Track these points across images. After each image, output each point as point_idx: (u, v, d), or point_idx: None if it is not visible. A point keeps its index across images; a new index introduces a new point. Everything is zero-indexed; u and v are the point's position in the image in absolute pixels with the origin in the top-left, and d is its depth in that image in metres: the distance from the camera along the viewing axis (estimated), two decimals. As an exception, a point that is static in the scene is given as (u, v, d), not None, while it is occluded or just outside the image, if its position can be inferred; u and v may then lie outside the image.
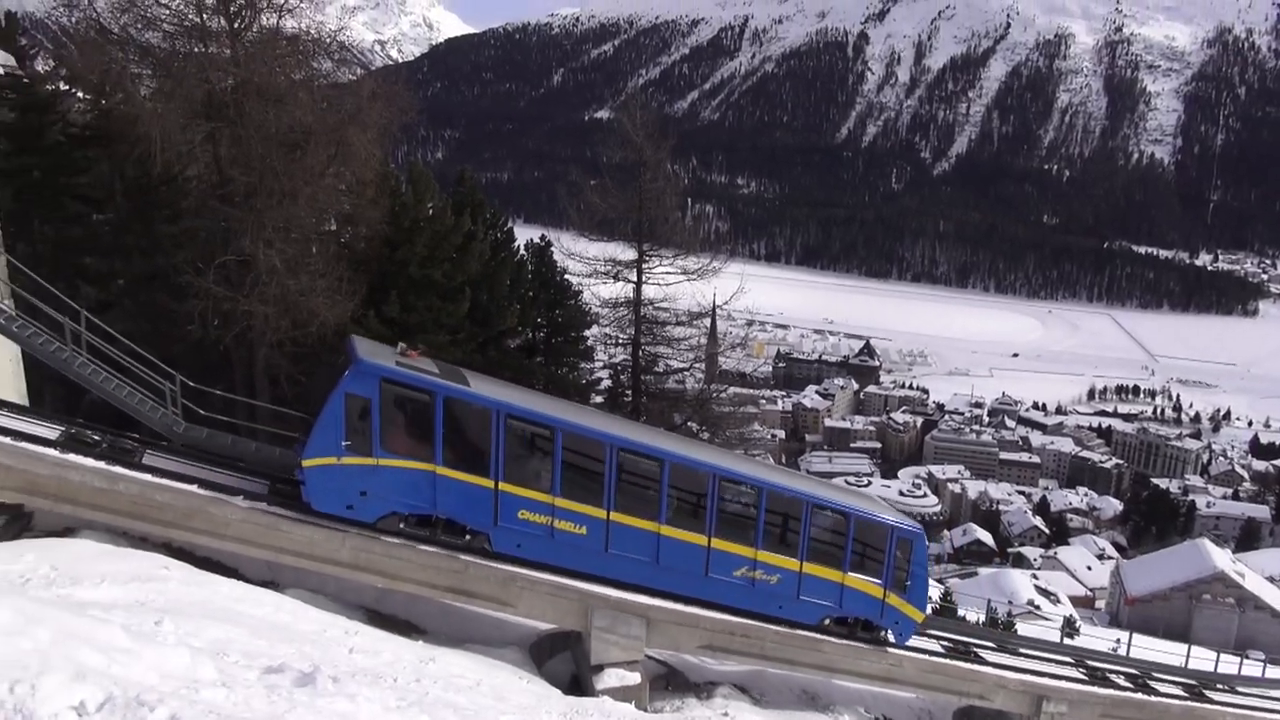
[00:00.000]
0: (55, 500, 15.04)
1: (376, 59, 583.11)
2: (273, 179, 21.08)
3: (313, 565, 16.48)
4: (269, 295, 20.54)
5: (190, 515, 15.48)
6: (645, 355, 30.69)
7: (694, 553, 18.61)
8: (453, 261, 25.64)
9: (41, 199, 22.97)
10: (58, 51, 28.59)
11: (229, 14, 21.28)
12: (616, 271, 29.04)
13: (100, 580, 12.05)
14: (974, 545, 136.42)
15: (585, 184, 30.98)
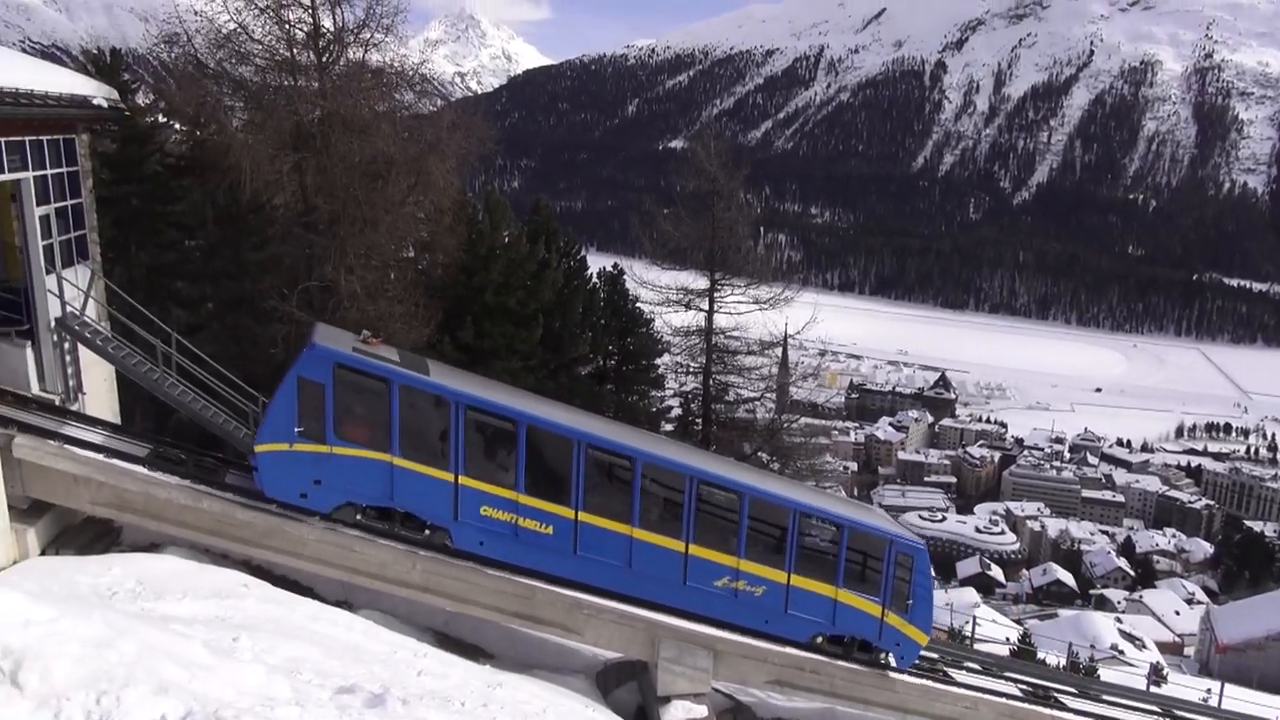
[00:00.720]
0: (142, 516, 15.54)
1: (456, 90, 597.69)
2: (355, 207, 21.68)
3: (384, 586, 16.69)
4: (349, 320, 21.04)
5: (269, 534, 15.83)
6: (716, 384, 30.58)
7: (670, 559, 17.67)
8: (527, 289, 25.99)
9: (139, 226, 23.98)
10: (157, 86, 29.98)
11: (318, 49, 22.07)
12: (688, 300, 29.08)
13: (183, 595, 12.38)
14: (1054, 586, 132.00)
15: (658, 213, 31.14)
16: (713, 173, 28.74)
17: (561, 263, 29.70)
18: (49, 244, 16.38)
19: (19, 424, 14.72)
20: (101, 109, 17.66)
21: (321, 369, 15.23)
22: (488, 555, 16.65)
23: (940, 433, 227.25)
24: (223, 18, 22.01)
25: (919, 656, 20.64)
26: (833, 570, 18.96)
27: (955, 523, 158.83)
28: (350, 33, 22.53)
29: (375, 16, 22.59)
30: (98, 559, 14.47)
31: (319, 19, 22.10)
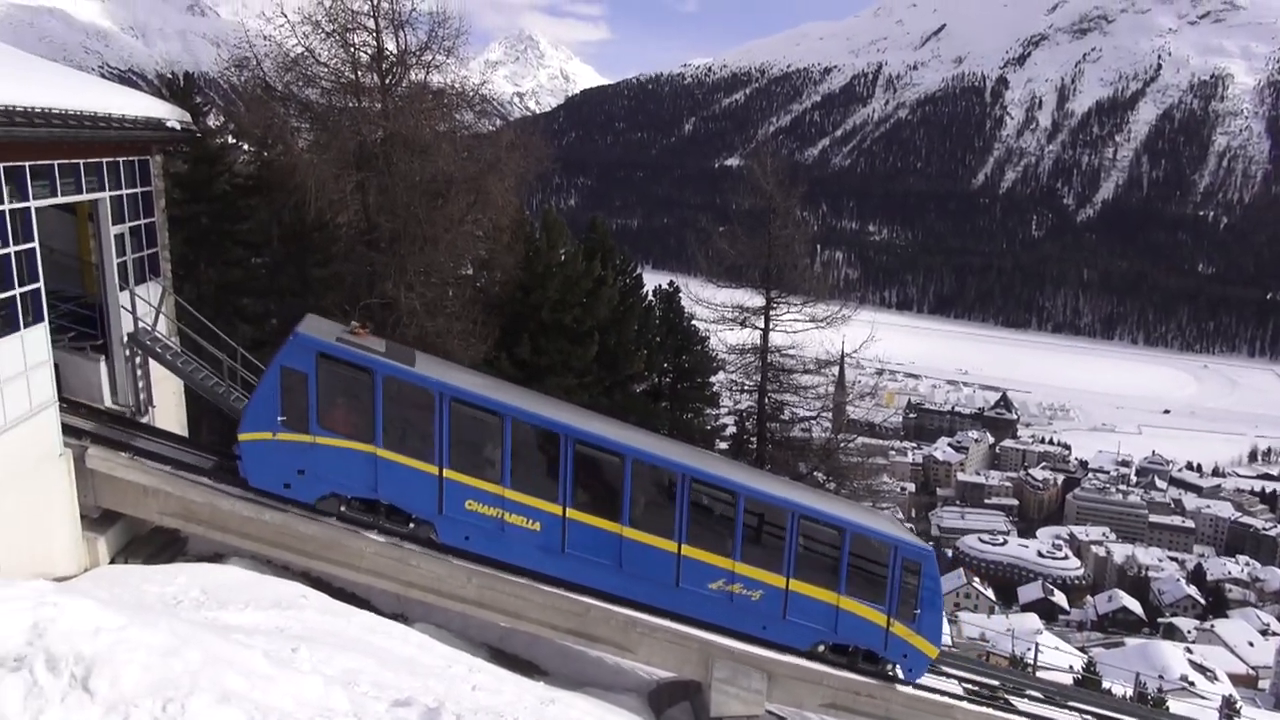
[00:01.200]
0: (207, 526, 15.92)
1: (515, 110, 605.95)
2: (415, 225, 22.05)
3: (439, 600, 16.85)
4: (409, 336, 21.34)
5: (328, 546, 16.09)
6: (771, 402, 30.38)
7: (662, 559, 17.14)
8: (583, 306, 26.15)
9: (208, 244, 24.66)
10: (227, 108, 30.84)
11: (381, 71, 22.54)
12: (744, 318, 28.97)
13: (244, 605, 12.63)
14: (1120, 613, 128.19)
15: (714, 231, 31.13)
16: (769, 190, 28.67)
17: (617, 280, 29.82)
18: (123, 261, 16.94)
19: (92, 435, 15.20)
20: (175, 131, 18.23)
21: (304, 358, 15.20)
22: (474, 551, 16.40)
23: (1001, 454, 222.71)
24: (291, 42, 22.62)
25: (929, 670, 19.84)
26: (834, 575, 18.21)
27: (1017, 546, 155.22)
28: (413, 55, 22.98)
29: (437, 39, 23.02)
30: (164, 568, 14.84)
31: (383, 42, 22.59)
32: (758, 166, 29.44)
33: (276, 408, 15.06)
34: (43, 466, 13.84)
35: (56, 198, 14.50)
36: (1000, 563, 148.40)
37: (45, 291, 13.77)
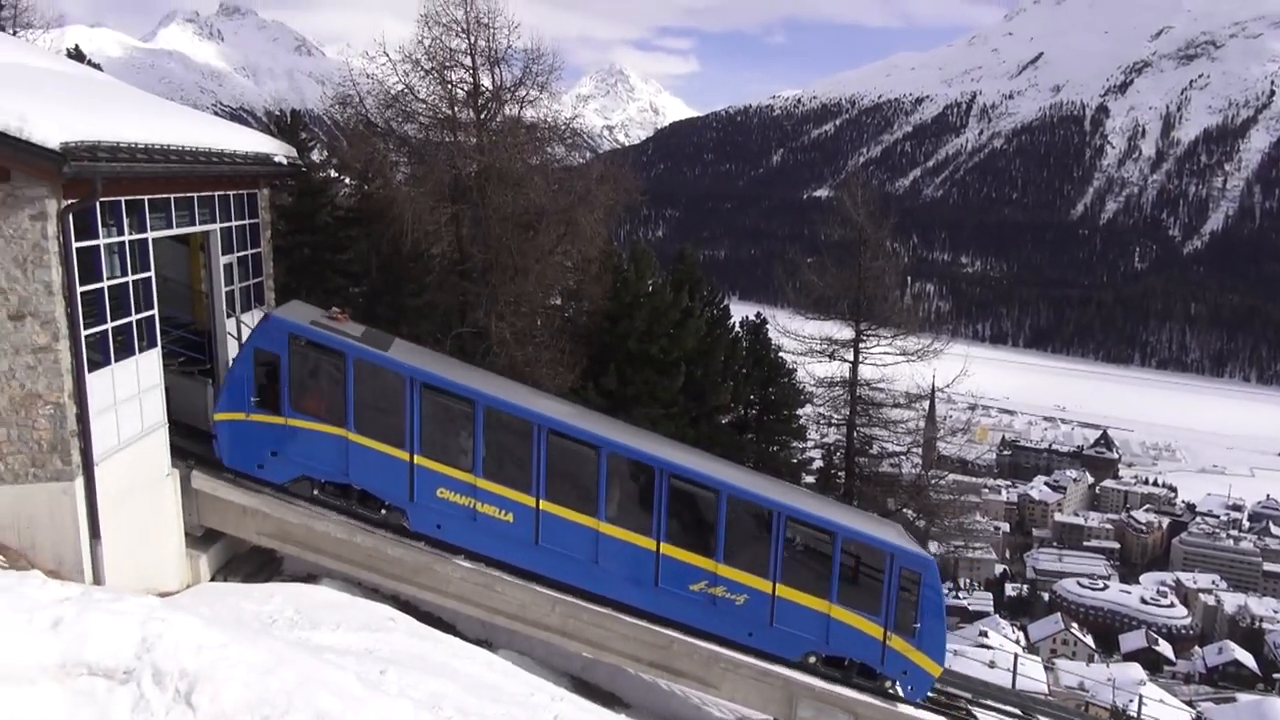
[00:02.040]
0: (302, 547, 16.36)
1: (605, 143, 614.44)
2: (507, 256, 22.51)
3: (523, 628, 16.96)
4: (499, 365, 21.71)
5: (417, 571, 16.37)
6: (860, 437, 29.87)
7: (641, 557, 16.62)
8: (670, 337, 26.19)
9: (309, 273, 25.56)
10: (330, 143, 32.13)
11: (477, 107, 23.19)
12: (832, 350, 28.65)
13: (336, 626, 12.90)
14: (1231, 666, 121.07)
15: (802, 262, 30.94)
16: (859, 221, 28.40)
17: (704, 311, 29.80)
18: (231, 290, 17.67)
19: (197, 457, 15.81)
20: (281, 166, 19.03)
21: (277, 340, 15.33)
22: (446, 540, 16.23)
23: (1101, 495, 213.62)
24: (392, 79, 23.50)
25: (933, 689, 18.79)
26: (825, 582, 17.34)
27: (1119, 592, 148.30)
28: (508, 91, 23.59)
29: (531, 75, 23.62)
30: (261, 587, 15.29)
31: (479, 79, 23.26)
32: (848, 197, 29.21)
33: (250, 389, 15.28)
34: (152, 485, 14.45)
35: (172, 229, 15.25)
36: (1100, 609, 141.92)
37: (158, 318, 14.45)
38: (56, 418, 11.83)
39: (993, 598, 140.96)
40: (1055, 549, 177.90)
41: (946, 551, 41.37)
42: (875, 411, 29.53)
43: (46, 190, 11.21)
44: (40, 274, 11.43)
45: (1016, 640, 79.78)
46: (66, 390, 11.83)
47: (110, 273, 12.89)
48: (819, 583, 17.35)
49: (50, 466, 11.94)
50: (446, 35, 22.86)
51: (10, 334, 11.50)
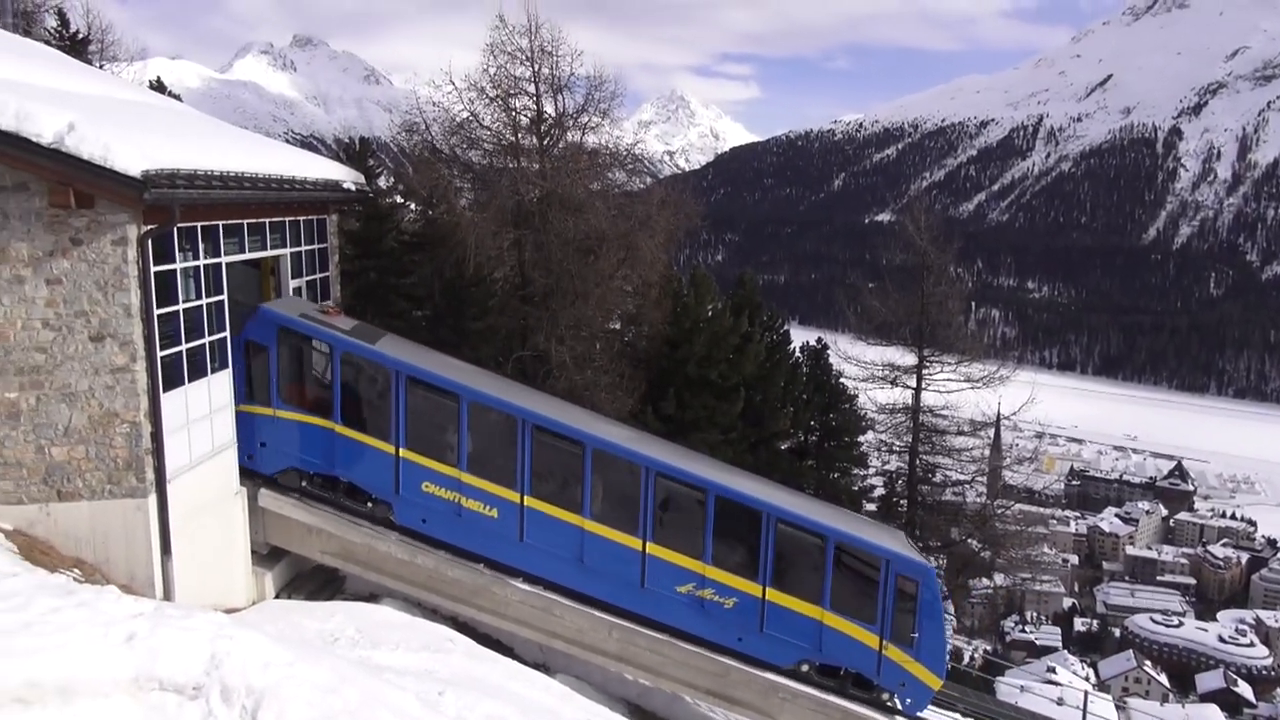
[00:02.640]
0: (364, 567, 16.60)
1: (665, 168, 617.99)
2: (568, 281, 22.69)
3: (580, 652, 16.94)
4: (558, 388, 21.84)
5: (476, 593, 16.48)
6: (922, 464, 29.39)
7: (626, 556, 16.36)
8: (729, 362, 26.07)
9: (375, 297, 26.05)
10: (397, 170, 32.80)
11: (540, 133, 23.51)
12: (894, 377, 28.33)
13: (396, 646, 13.02)
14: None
15: (864, 287, 30.71)
16: (922, 246, 28.10)
17: (764, 336, 29.63)
18: (299, 313, 18.06)
19: (264, 476, 16.15)
20: (350, 192, 19.50)
21: (266, 332, 15.58)
22: (431, 535, 16.22)
23: (1176, 528, 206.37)
24: (457, 107, 23.97)
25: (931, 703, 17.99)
26: (817, 588, 16.81)
27: (1194, 629, 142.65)
28: (570, 117, 23.88)
29: (594, 102, 23.89)
30: (323, 605, 15.52)
31: (542, 106, 23.60)
32: (910, 221, 28.94)
33: (240, 380, 15.37)
34: (221, 503, 14.80)
35: (244, 254, 15.69)
36: (1175, 646, 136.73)
37: (230, 340, 14.85)
38: (132, 436, 12.19)
39: (1061, 632, 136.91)
40: (1127, 583, 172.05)
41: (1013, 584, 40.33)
42: (938, 439, 29.06)
43: (128, 216, 11.64)
44: (120, 297, 11.84)
45: (1086, 677, 77.33)
46: (142, 409, 12.19)
47: (186, 296, 13.32)
48: (811, 588, 16.86)
49: (125, 483, 12.30)
50: (511, 63, 23.28)
51: (91, 354, 11.91)
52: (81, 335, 11.86)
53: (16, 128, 10.67)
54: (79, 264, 11.67)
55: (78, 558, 12.17)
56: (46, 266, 11.60)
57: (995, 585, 35.05)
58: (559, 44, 23.35)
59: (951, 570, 31.04)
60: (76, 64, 21.51)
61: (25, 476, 12.07)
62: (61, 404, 11.98)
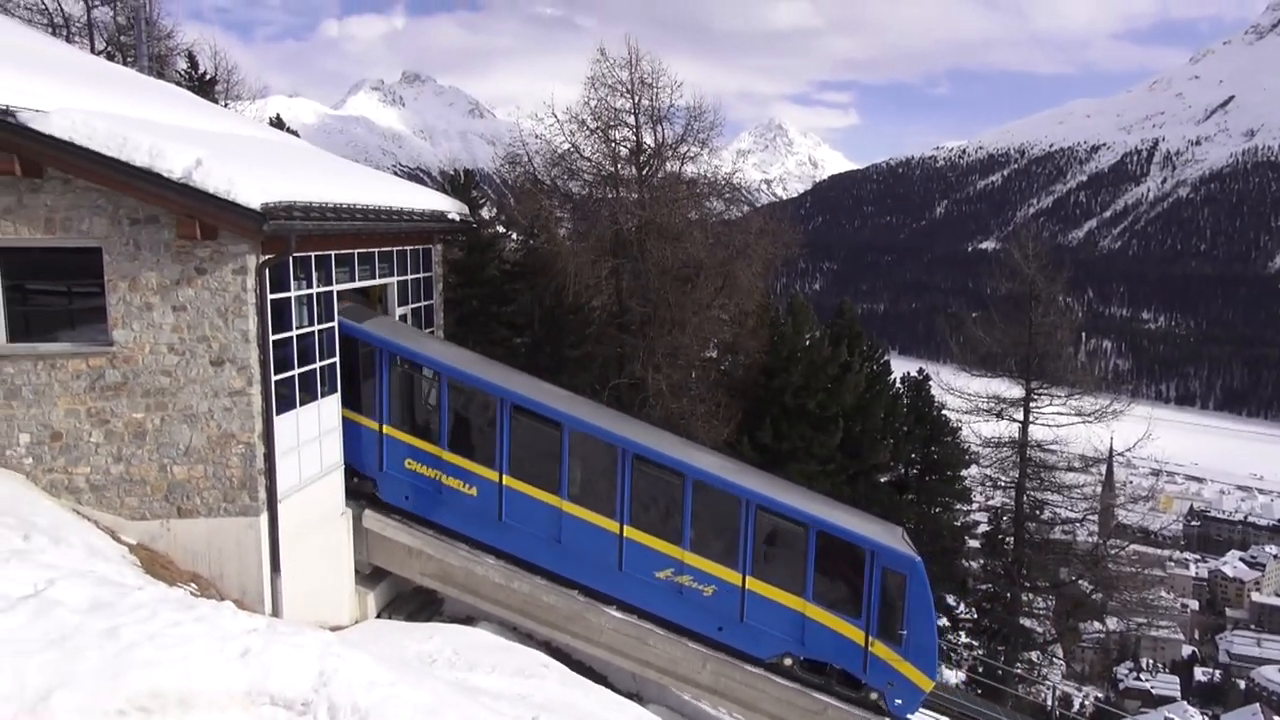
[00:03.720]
0: (461, 590, 16.86)
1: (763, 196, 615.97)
2: (665, 310, 22.82)
3: (673, 683, 16.81)
4: (654, 416, 21.91)
5: (570, 619, 16.55)
6: (1030, 501, 28.36)
7: (603, 539, 16.17)
8: (827, 392, 25.74)
9: (476, 324, 26.67)
10: (499, 200, 33.63)
11: (639, 164, 23.81)
12: (1000, 409, 27.53)
13: (491, 669, 13.16)
14: None
15: (968, 316, 29.98)
16: (1030, 274, 27.32)
17: (864, 366, 29.15)
18: (405, 340, 18.59)
19: (369, 498, 16.61)
20: (454, 222, 20.05)
21: None
22: (414, 511, 16.33)
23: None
24: (558, 139, 24.52)
25: None
26: (799, 578, 16.27)
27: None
28: (669, 148, 24.13)
29: (692, 132, 24.12)
30: (422, 626, 15.82)
31: (642, 137, 23.92)
32: (1017, 249, 28.18)
33: None
34: (328, 523, 15.26)
35: (354, 283, 16.27)
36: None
37: (339, 366, 15.38)
38: (247, 456, 12.71)
39: (1180, 682, 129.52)
40: (1253, 632, 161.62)
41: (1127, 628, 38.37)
42: (1047, 475, 28.05)
43: (248, 247, 12.21)
44: (239, 323, 12.40)
45: (1208, 731, 72.82)
46: (257, 431, 12.71)
47: (299, 323, 13.86)
48: (793, 578, 16.38)
49: (239, 502, 12.81)
50: (612, 96, 23.69)
51: (211, 378, 12.50)
52: (203, 359, 12.45)
53: (150, 164, 11.33)
54: (202, 292, 12.28)
55: (194, 572, 12.71)
56: (173, 294, 12.25)
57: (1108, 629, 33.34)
58: (659, 76, 23.70)
59: (1061, 612, 29.78)
60: (204, 103, 22.79)
61: (149, 494, 12.70)
62: (183, 425, 12.58)
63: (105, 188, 11.75)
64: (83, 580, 6.64)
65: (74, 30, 28.56)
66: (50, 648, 5.42)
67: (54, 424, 12.37)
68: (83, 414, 12.40)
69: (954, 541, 30.41)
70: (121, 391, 12.40)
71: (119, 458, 12.55)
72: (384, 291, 18.26)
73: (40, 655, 5.32)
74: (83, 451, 12.47)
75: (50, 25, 27.84)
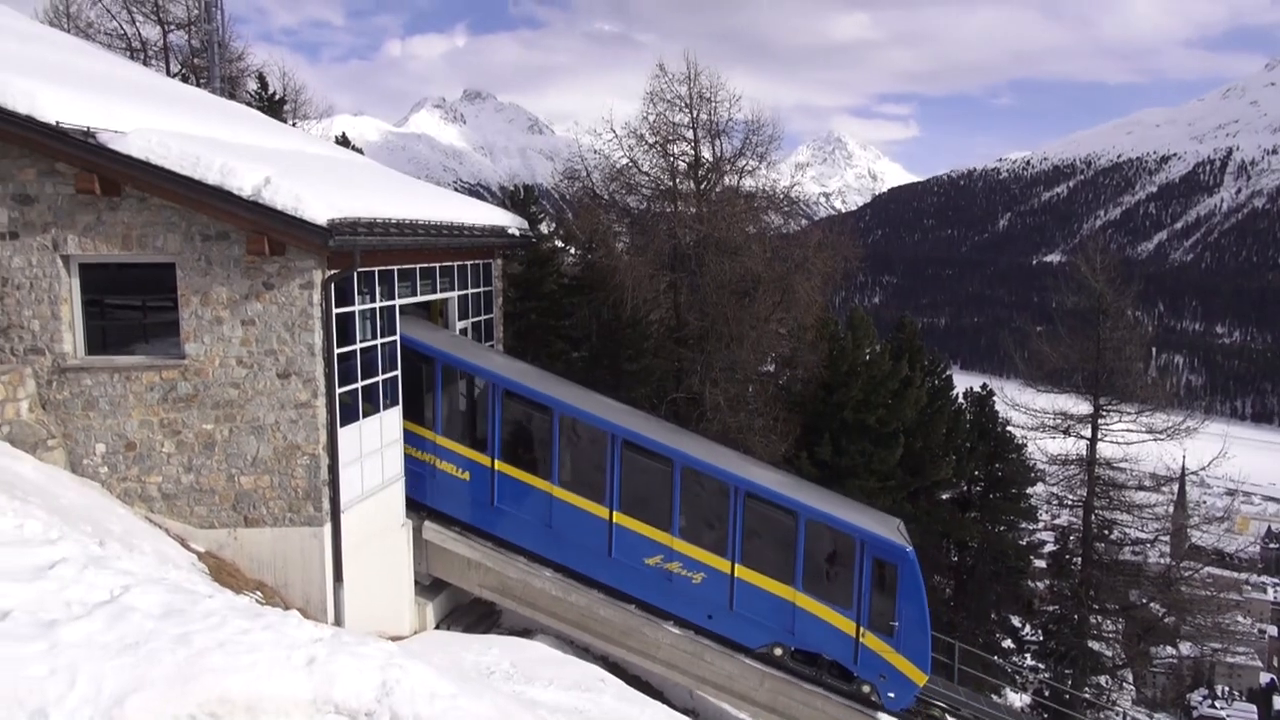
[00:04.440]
0: (519, 602, 16.95)
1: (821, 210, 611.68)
2: (723, 324, 22.76)
3: (729, 700, 16.70)
4: (711, 430, 21.84)
5: (626, 633, 16.53)
6: (1098, 520, 27.59)
7: (593, 525, 16.22)
8: (888, 407, 25.39)
9: (534, 338, 26.88)
10: (558, 215, 33.94)
11: (697, 178, 23.85)
12: (1067, 426, 26.88)
13: (549, 683, 13.20)
14: None
15: (1033, 331, 29.40)
16: (1098, 288, 26.66)
17: (925, 381, 28.67)
18: (465, 353, 18.81)
19: (428, 510, 16.80)
20: (514, 237, 20.27)
21: None
22: (412, 496, 16.30)
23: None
24: (617, 154, 24.67)
25: None
26: (789, 567, 16.15)
27: None
28: (727, 162, 24.14)
29: (751, 146, 24.10)
30: (480, 638, 15.94)
31: (700, 151, 23.96)
32: (1084, 262, 27.53)
33: None
34: (388, 534, 15.48)
35: (416, 297, 16.53)
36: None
37: (401, 379, 15.62)
38: (312, 468, 12.96)
39: (1257, 711, 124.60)
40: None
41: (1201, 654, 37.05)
42: (1116, 494, 27.26)
43: (314, 262, 12.49)
44: (305, 337, 12.68)
45: (1289, 763, 69.87)
46: (321, 443, 12.96)
47: (362, 336, 14.12)
48: (782, 567, 16.26)
49: (304, 512, 13.07)
50: (670, 110, 23.80)
51: (278, 390, 12.78)
52: (270, 372, 12.75)
53: (221, 182, 11.68)
54: (270, 306, 12.59)
55: (260, 580, 12.98)
56: (243, 309, 12.57)
57: (1180, 655, 32.24)
58: (717, 90, 23.73)
59: (1131, 635, 28.85)
60: (273, 122, 23.41)
61: (217, 503, 13.02)
62: (250, 436, 12.89)
63: (179, 205, 12.14)
64: (156, 587, 6.82)
65: (151, 54, 29.59)
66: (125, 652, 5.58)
67: (128, 434, 12.77)
68: (156, 425, 12.77)
69: (1019, 561, 29.68)
70: (192, 403, 12.76)
71: (189, 467, 12.90)
72: (445, 305, 18.52)
73: (116, 659, 5.47)
74: (155, 461, 12.85)
75: (129, 49, 28.88)
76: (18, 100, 11.27)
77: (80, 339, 12.76)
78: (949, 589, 30.04)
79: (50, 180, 12.13)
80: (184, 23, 29.53)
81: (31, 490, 10.29)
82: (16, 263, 12.32)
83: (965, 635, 25.68)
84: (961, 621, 27.75)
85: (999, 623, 30.52)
